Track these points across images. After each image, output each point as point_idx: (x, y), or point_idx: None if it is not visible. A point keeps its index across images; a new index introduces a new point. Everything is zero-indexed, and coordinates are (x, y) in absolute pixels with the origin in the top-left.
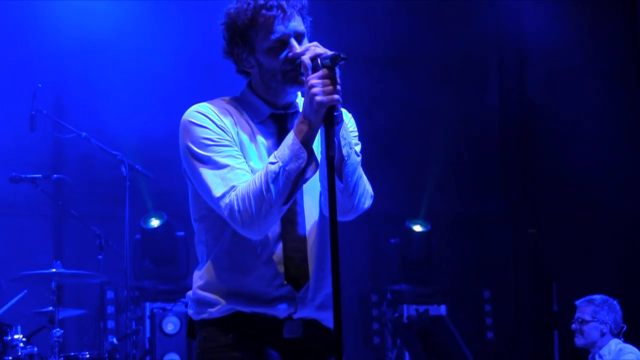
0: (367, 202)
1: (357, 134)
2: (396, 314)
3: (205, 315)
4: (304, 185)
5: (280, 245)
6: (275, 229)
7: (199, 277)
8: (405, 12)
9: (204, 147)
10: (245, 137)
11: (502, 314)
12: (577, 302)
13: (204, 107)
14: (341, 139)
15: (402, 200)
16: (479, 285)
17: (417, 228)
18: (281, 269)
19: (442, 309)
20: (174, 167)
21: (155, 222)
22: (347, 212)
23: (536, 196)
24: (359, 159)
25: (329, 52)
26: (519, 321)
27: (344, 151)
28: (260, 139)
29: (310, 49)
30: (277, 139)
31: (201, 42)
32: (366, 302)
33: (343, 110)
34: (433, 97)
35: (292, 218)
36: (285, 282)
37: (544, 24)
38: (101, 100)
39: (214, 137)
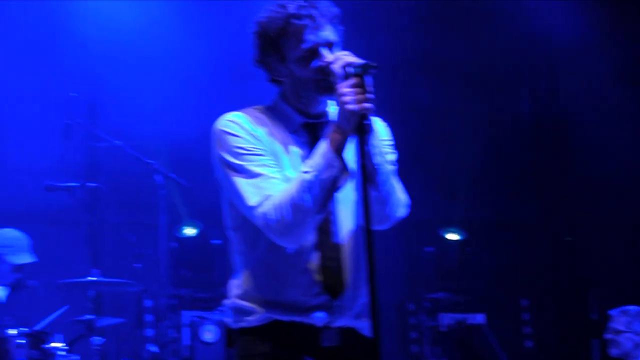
0: (402, 211)
1: (392, 142)
2: (434, 323)
3: (243, 324)
4: (338, 194)
5: (316, 254)
6: (310, 238)
7: (235, 286)
8: (435, 19)
9: (238, 156)
10: (278, 147)
11: (540, 322)
12: (611, 312)
13: (236, 116)
14: (373, 147)
15: (438, 207)
16: (517, 294)
17: (452, 236)
18: (317, 278)
19: (480, 318)
20: (209, 175)
21: (190, 231)
22: (382, 221)
23: (571, 203)
24: (392, 167)
25: (360, 61)
26: (557, 329)
27: (376, 160)
28: (293, 148)
29: (341, 58)
30: (310, 148)
31: (237, 50)
32: (404, 310)
33: (378, 119)
34: (466, 103)
35: (326, 227)
36: (321, 291)
37: (575, 29)
38: (135, 108)
39: (247, 146)
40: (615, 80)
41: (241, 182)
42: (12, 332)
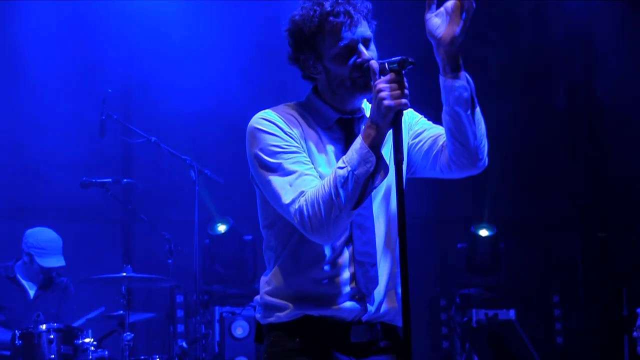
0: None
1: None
2: (465, 318)
3: (272, 320)
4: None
5: (349, 250)
6: (344, 233)
7: (266, 282)
8: (472, 15)
9: (273, 154)
10: (312, 144)
11: (572, 319)
12: None
13: (270, 114)
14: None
15: (470, 204)
16: (548, 290)
17: (483, 232)
18: (349, 273)
19: (511, 313)
20: (241, 171)
21: (221, 228)
22: (471, 167)
23: (605, 199)
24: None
25: (397, 57)
26: (589, 326)
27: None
28: (328, 144)
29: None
30: (345, 144)
31: (275, 48)
32: (435, 306)
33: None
34: (500, 99)
35: (361, 222)
36: (354, 286)
37: (613, 25)
38: (170, 104)
39: (281, 143)
40: None
41: (276, 180)
42: (43, 327)
